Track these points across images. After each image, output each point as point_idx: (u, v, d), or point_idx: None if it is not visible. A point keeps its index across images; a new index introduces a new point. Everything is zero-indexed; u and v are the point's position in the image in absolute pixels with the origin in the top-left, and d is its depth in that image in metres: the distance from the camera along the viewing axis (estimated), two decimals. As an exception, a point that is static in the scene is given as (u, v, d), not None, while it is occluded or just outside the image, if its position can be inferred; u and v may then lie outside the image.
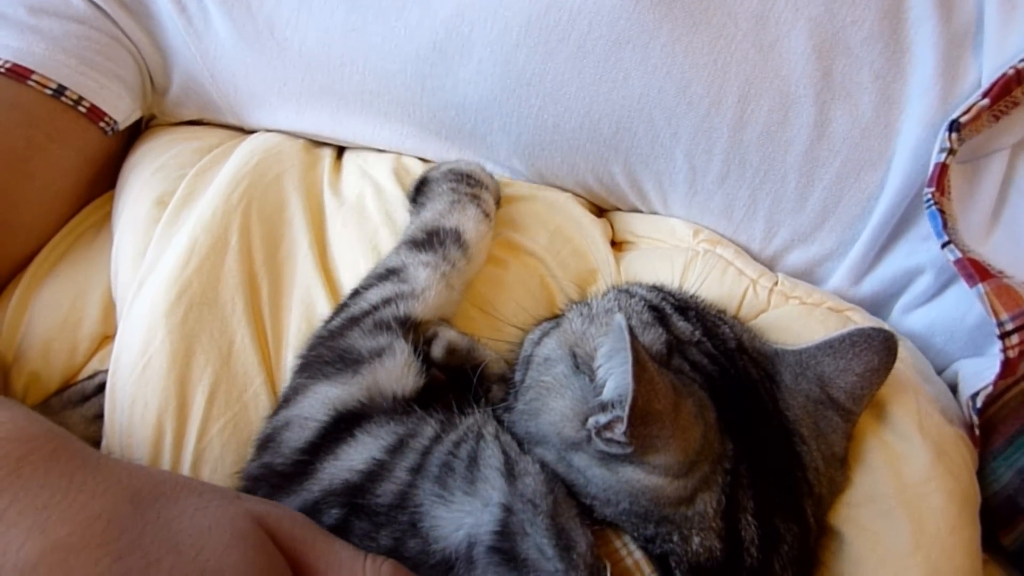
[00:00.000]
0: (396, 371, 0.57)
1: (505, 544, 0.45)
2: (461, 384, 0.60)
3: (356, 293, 0.64)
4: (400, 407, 0.55)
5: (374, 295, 0.62)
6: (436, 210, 0.68)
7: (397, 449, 0.51)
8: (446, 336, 0.61)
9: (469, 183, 0.71)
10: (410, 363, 0.57)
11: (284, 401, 0.58)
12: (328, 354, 0.58)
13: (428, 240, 0.65)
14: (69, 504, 0.38)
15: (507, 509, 0.46)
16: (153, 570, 0.36)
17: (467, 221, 0.67)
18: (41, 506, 0.37)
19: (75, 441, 0.45)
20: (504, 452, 0.49)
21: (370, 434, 0.52)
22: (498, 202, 0.76)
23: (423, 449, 0.51)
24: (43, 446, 0.41)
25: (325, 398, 0.55)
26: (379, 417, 0.54)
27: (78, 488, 0.39)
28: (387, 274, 0.64)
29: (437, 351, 0.60)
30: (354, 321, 0.60)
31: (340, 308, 0.64)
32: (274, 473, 0.53)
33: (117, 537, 0.37)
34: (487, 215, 0.69)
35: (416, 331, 0.61)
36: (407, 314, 0.60)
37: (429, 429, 0.52)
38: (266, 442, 0.55)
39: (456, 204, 0.68)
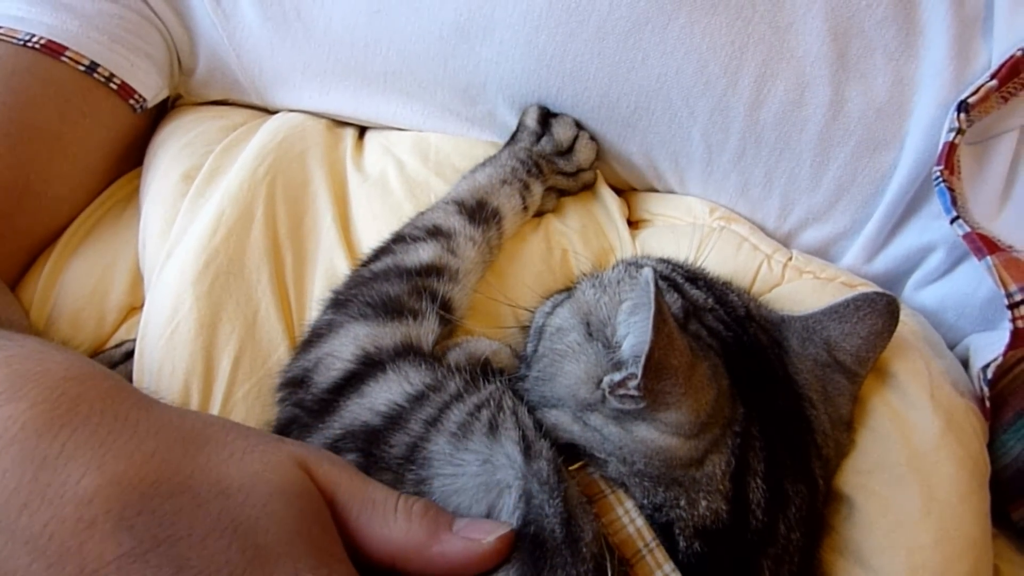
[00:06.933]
0: (430, 333, 0.58)
1: (527, 513, 0.45)
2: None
3: (401, 239, 0.66)
4: (432, 357, 0.56)
5: (424, 253, 0.64)
6: (491, 180, 0.72)
7: (418, 399, 0.52)
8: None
9: (529, 171, 0.74)
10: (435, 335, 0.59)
11: (316, 336, 0.59)
12: (371, 296, 0.59)
13: (476, 210, 0.69)
14: (125, 442, 0.39)
15: (527, 483, 0.46)
16: (202, 511, 0.37)
17: (509, 210, 0.72)
18: (98, 443, 0.38)
19: (127, 383, 0.46)
20: (521, 429, 0.49)
21: (399, 372, 0.53)
22: (585, 184, 0.81)
23: (443, 404, 0.51)
24: (99, 384, 0.42)
25: (356, 337, 0.56)
26: (413, 356, 0.55)
27: (133, 427, 0.40)
28: (436, 232, 0.66)
29: None
30: (403, 273, 0.62)
31: (382, 251, 0.65)
32: (305, 410, 0.54)
33: (169, 476, 0.38)
34: (526, 209, 0.74)
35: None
36: (449, 299, 0.62)
37: (452, 385, 0.53)
38: (298, 381, 0.56)
39: (507, 185, 0.72)
